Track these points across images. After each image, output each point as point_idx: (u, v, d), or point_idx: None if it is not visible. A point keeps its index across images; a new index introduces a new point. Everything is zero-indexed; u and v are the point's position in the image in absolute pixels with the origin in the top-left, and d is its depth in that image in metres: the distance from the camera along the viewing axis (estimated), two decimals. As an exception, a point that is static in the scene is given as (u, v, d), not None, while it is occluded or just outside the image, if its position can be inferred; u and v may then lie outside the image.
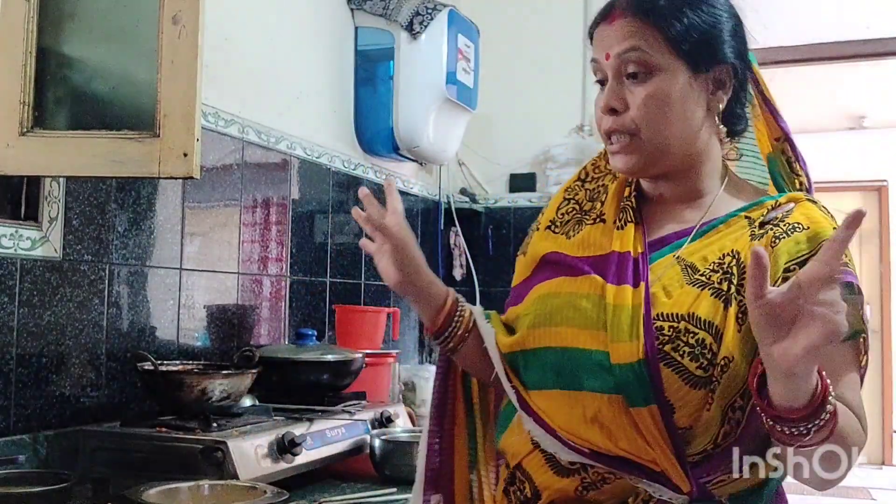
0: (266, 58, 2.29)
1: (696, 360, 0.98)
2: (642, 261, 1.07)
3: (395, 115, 2.67)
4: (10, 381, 1.53)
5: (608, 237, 1.11)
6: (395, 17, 2.65)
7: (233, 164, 2.14)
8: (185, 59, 1.39)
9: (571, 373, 1.04)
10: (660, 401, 0.98)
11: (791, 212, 1.05)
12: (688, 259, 1.05)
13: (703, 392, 0.98)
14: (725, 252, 1.04)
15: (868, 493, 6.03)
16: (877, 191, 7.19)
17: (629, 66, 1.05)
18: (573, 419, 1.04)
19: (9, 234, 1.53)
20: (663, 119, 1.06)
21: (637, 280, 1.05)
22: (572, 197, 1.22)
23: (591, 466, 1.03)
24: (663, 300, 1.02)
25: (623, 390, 1.00)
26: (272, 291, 2.30)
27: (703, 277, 1.02)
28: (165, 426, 1.59)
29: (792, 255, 1.00)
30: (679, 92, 1.06)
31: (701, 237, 1.08)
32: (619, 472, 1.01)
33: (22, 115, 1.43)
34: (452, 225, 3.24)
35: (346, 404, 1.97)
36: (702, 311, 1.00)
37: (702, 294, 1.01)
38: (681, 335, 0.99)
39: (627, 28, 1.06)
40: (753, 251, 0.83)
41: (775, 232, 1.03)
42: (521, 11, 3.33)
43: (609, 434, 1.01)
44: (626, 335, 1.01)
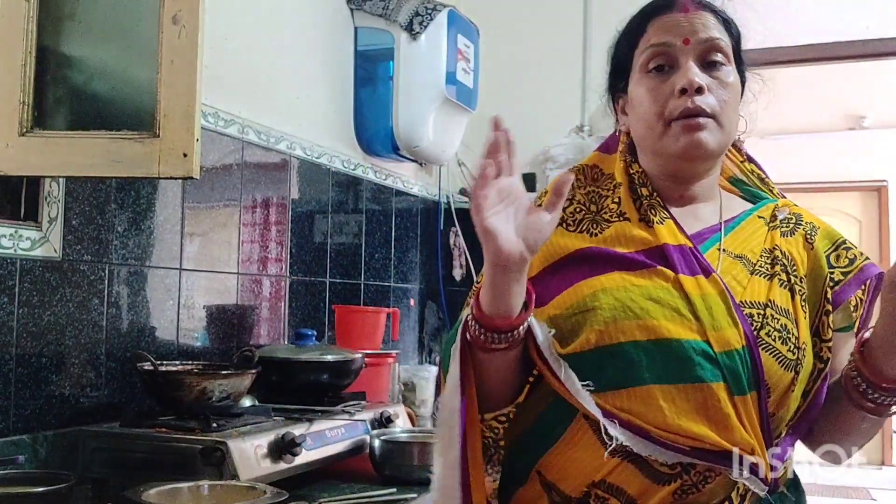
0: (266, 58, 2.29)
1: (785, 344, 1.02)
2: (699, 253, 1.07)
3: (395, 115, 2.67)
4: (9, 382, 1.52)
5: (649, 232, 1.08)
6: (394, 17, 2.65)
7: (232, 164, 2.14)
8: (185, 59, 1.39)
9: (668, 366, 0.99)
10: (760, 386, 0.99)
11: (800, 215, 1.17)
12: (734, 252, 1.09)
13: (792, 374, 1.02)
14: (768, 247, 1.10)
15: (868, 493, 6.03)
16: (877, 191, 7.20)
17: (712, 53, 1.09)
18: (675, 414, 0.97)
19: (8, 234, 1.53)
20: (734, 109, 1.11)
21: (706, 270, 1.05)
22: (571, 198, 1.16)
23: (692, 467, 0.98)
24: (738, 289, 1.05)
25: (729, 378, 0.98)
26: (272, 291, 2.30)
27: (763, 268, 1.08)
28: (165, 426, 1.59)
29: (825, 249, 1.12)
30: (739, 89, 1.14)
31: (731, 232, 1.12)
32: (721, 466, 0.98)
33: (22, 115, 1.43)
34: (452, 225, 3.24)
35: (345, 404, 1.97)
36: (778, 300, 1.05)
37: (772, 283, 1.06)
38: (768, 321, 1.02)
39: (708, 19, 1.11)
40: None
41: (805, 230, 1.14)
42: (521, 11, 3.33)
43: (715, 425, 0.97)
44: (724, 322, 1.00)
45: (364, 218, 2.75)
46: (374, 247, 2.80)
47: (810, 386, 1.05)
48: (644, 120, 1.11)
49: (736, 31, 1.14)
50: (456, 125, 2.90)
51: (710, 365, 0.98)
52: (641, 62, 1.12)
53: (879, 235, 7.17)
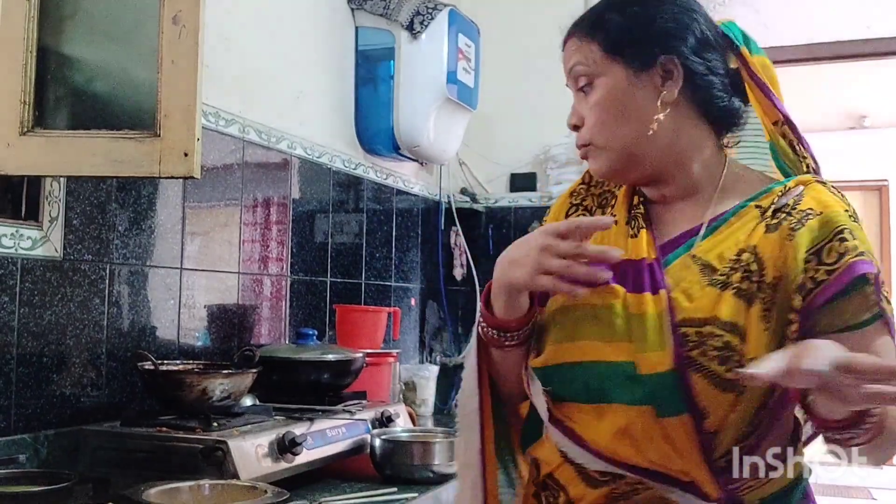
0: (266, 57, 2.29)
1: (724, 364, 0.96)
2: (657, 266, 1.05)
3: (396, 114, 2.67)
4: (10, 381, 1.53)
5: (622, 244, 1.08)
6: (395, 16, 2.65)
7: (233, 163, 2.14)
8: (186, 58, 1.40)
9: (598, 387, 1.02)
10: (691, 408, 0.97)
11: (801, 196, 1.04)
12: (703, 258, 1.03)
13: (732, 395, 0.97)
14: (741, 248, 1.02)
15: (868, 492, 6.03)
16: (877, 191, 7.20)
17: (579, 79, 1.10)
18: (601, 432, 1.01)
19: (9, 233, 1.53)
20: (611, 122, 1.08)
21: (655, 286, 1.02)
22: (580, 202, 1.20)
23: (621, 477, 1.00)
24: (685, 305, 1.00)
25: (653, 401, 0.98)
26: (273, 291, 2.30)
27: (722, 277, 1.01)
28: (166, 426, 1.59)
29: (808, 244, 1.00)
30: (621, 92, 1.07)
31: (713, 233, 1.05)
32: (650, 482, 0.99)
33: (22, 114, 1.44)
34: (453, 225, 3.24)
35: (346, 404, 1.97)
36: (724, 314, 0.98)
37: (723, 294, 0.99)
38: (706, 340, 0.97)
39: (572, 47, 1.12)
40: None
41: (790, 222, 1.01)
42: (521, 11, 3.33)
43: (638, 446, 0.99)
44: (653, 344, 0.99)
45: (365, 217, 2.75)
46: (374, 246, 2.80)
47: (766, 400, 0.99)
48: None
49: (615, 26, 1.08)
50: (457, 124, 2.90)
51: (635, 387, 0.99)
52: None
53: (880, 235, 7.17)
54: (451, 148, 2.95)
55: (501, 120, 3.31)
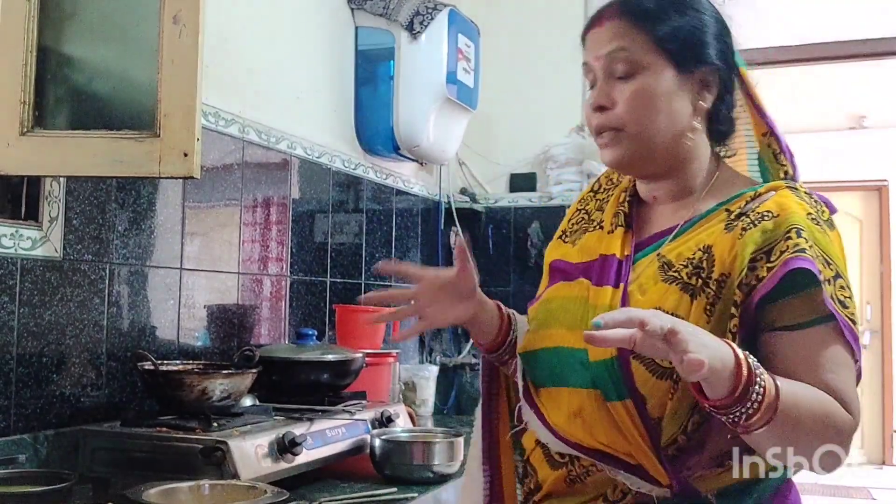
0: (266, 58, 2.29)
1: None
2: (627, 262, 1.13)
3: (396, 114, 2.67)
4: (10, 381, 1.53)
5: (602, 242, 1.18)
6: (395, 16, 2.65)
7: (233, 163, 2.14)
8: (186, 58, 1.39)
9: (559, 371, 1.12)
10: (633, 394, 1.03)
11: (765, 200, 1.08)
12: (666, 256, 1.10)
13: (668, 382, 1.02)
14: (700, 246, 1.07)
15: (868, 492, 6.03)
16: (877, 191, 7.20)
17: (617, 65, 1.11)
18: (560, 414, 1.11)
19: (9, 233, 1.53)
20: (648, 115, 1.10)
21: (618, 281, 1.11)
22: (583, 207, 1.30)
23: (577, 459, 1.09)
24: (638, 298, 1.08)
25: (599, 385, 1.06)
26: (272, 291, 2.30)
27: (675, 273, 1.07)
28: (166, 426, 1.59)
29: (758, 243, 1.03)
30: (665, 89, 1.10)
31: (683, 234, 1.11)
32: (600, 463, 1.07)
33: (22, 114, 1.43)
34: (453, 224, 3.24)
35: (346, 404, 1.97)
36: (668, 305, 1.04)
37: (670, 289, 1.06)
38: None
39: (615, 30, 1.12)
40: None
41: (744, 223, 1.06)
42: (521, 11, 3.33)
43: (589, 428, 1.07)
44: None
45: (365, 217, 2.75)
46: (374, 246, 2.80)
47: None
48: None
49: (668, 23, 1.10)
50: (456, 125, 2.90)
51: (585, 372, 1.08)
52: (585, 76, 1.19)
53: (880, 235, 7.17)
54: (451, 148, 2.95)
55: (501, 120, 3.31)
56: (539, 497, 1.16)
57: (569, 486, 1.11)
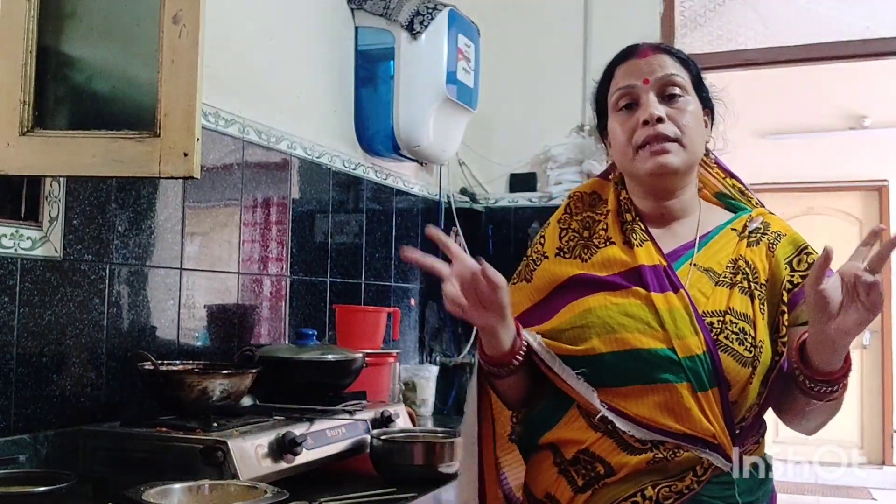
0: (266, 58, 2.29)
1: (742, 344, 1.21)
2: (671, 271, 1.28)
3: (396, 114, 2.67)
4: (10, 381, 1.53)
5: (629, 255, 1.30)
6: (395, 16, 2.65)
7: (233, 163, 2.14)
8: (186, 58, 1.40)
9: (639, 370, 1.22)
10: (720, 382, 1.20)
11: (768, 224, 1.34)
12: (704, 265, 1.29)
13: (749, 370, 1.21)
14: (733, 257, 1.29)
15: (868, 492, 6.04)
16: (877, 191, 7.19)
17: (669, 87, 1.30)
18: (644, 407, 1.21)
19: (9, 233, 1.53)
20: (695, 133, 1.31)
21: (675, 287, 1.25)
22: (567, 227, 1.40)
23: (662, 444, 1.20)
24: (703, 300, 1.25)
25: (692, 378, 1.20)
26: (272, 291, 2.30)
27: (726, 279, 1.27)
28: (166, 426, 1.59)
29: (785, 256, 1.30)
30: (699, 116, 1.33)
31: (704, 247, 1.31)
32: (688, 445, 1.19)
33: (22, 114, 1.43)
34: (453, 225, 3.24)
35: (346, 404, 1.97)
36: (737, 306, 1.24)
37: (732, 292, 1.26)
38: (727, 326, 1.22)
39: (664, 60, 1.32)
40: (826, 249, 1.09)
41: (768, 239, 1.31)
42: (521, 11, 3.33)
43: (678, 417, 1.20)
44: (687, 332, 1.21)
45: (365, 217, 2.75)
46: (374, 246, 2.80)
47: (769, 376, 1.24)
48: (619, 149, 1.34)
49: (695, 68, 1.35)
50: (456, 125, 2.90)
51: (675, 368, 1.20)
52: (612, 102, 1.35)
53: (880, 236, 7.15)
54: (451, 148, 2.95)
55: (501, 120, 3.31)
56: (613, 480, 1.23)
57: (652, 467, 1.21)
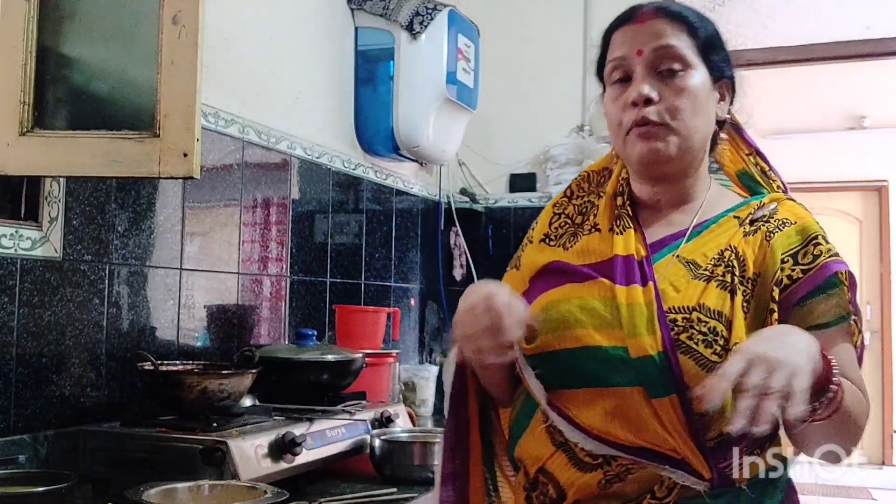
0: (266, 58, 2.29)
1: (710, 347, 1.04)
2: (647, 262, 1.12)
3: (396, 115, 2.67)
4: (10, 381, 1.53)
5: (608, 244, 1.16)
6: (395, 17, 2.65)
7: (233, 164, 2.14)
8: (186, 59, 1.40)
9: (590, 371, 1.08)
10: (679, 389, 1.02)
11: (777, 209, 1.16)
12: (688, 257, 1.12)
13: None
14: (723, 248, 1.12)
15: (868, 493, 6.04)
16: (877, 191, 7.19)
17: (665, 61, 1.12)
18: (595, 415, 1.06)
19: (9, 234, 1.53)
20: (692, 113, 1.13)
21: (645, 279, 1.10)
22: (561, 212, 1.28)
23: (615, 459, 1.05)
24: (672, 295, 1.08)
25: (644, 382, 1.04)
26: (272, 291, 2.30)
27: (706, 272, 1.10)
28: (166, 426, 1.59)
29: (785, 247, 1.11)
30: (704, 92, 1.15)
31: (696, 237, 1.15)
32: (643, 461, 1.04)
33: (22, 114, 1.44)
34: (452, 225, 3.24)
35: (346, 404, 1.97)
36: (710, 302, 1.06)
37: (708, 286, 1.08)
38: (693, 324, 1.05)
39: (661, 27, 1.13)
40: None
41: (768, 227, 1.13)
42: (521, 11, 3.33)
43: (630, 426, 1.04)
44: (643, 329, 1.05)
45: (364, 218, 2.75)
46: (374, 246, 2.80)
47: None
48: (610, 129, 1.19)
49: (705, 31, 1.16)
50: (456, 125, 2.90)
51: (627, 370, 1.05)
52: (606, 74, 1.19)
53: (880, 235, 7.17)
54: (451, 148, 2.95)
55: (501, 120, 3.31)
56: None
57: (603, 489, 1.07)
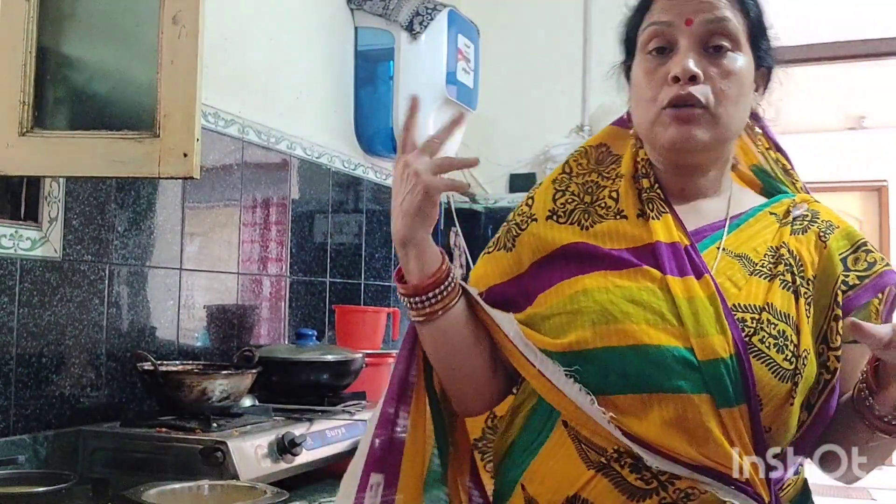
0: (266, 58, 2.29)
1: (781, 352, 0.93)
2: (695, 252, 0.99)
3: (395, 115, 2.67)
4: (10, 382, 1.52)
5: (642, 228, 1.02)
6: (394, 17, 2.65)
7: (233, 164, 2.14)
8: (185, 59, 1.39)
9: (644, 373, 0.93)
10: (751, 398, 0.91)
11: (817, 212, 1.08)
12: (735, 251, 1.01)
13: (788, 386, 0.93)
14: (774, 245, 1.02)
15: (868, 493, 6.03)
16: (877, 191, 7.19)
17: (716, 37, 1.00)
18: (650, 425, 0.92)
19: (9, 234, 1.53)
20: (736, 100, 1.01)
21: (698, 271, 0.97)
22: (565, 189, 1.11)
23: (672, 483, 0.91)
24: (733, 291, 0.97)
25: (713, 389, 0.91)
26: (272, 291, 2.30)
27: (764, 269, 0.99)
28: (165, 426, 1.59)
29: (840, 250, 1.03)
30: (749, 78, 1.04)
31: (735, 230, 1.04)
32: (708, 481, 0.90)
33: (22, 115, 1.43)
34: (452, 225, 3.24)
35: (346, 404, 1.97)
36: (777, 302, 0.96)
37: (772, 284, 0.98)
38: (764, 326, 0.94)
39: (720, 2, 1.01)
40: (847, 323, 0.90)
41: (819, 227, 1.05)
42: (521, 11, 3.33)
43: (692, 439, 0.91)
44: (711, 328, 0.93)
45: (364, 218, 2.75)
46: (374, 246, 2.80)
47: (815, 399, 0.96)
48: (639, 104, 1.05)
49: (756, 10, 1.04)
50: (456, 125, 2.90)
51: (692, 374, 0.91)
52: (642, 41, 1.04)
53: (879, 235, 7.17)
54: (451, 148, 2.94)
55: (501, 120, 3.31)
56: None
57: None
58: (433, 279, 0.99)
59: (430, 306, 1.00)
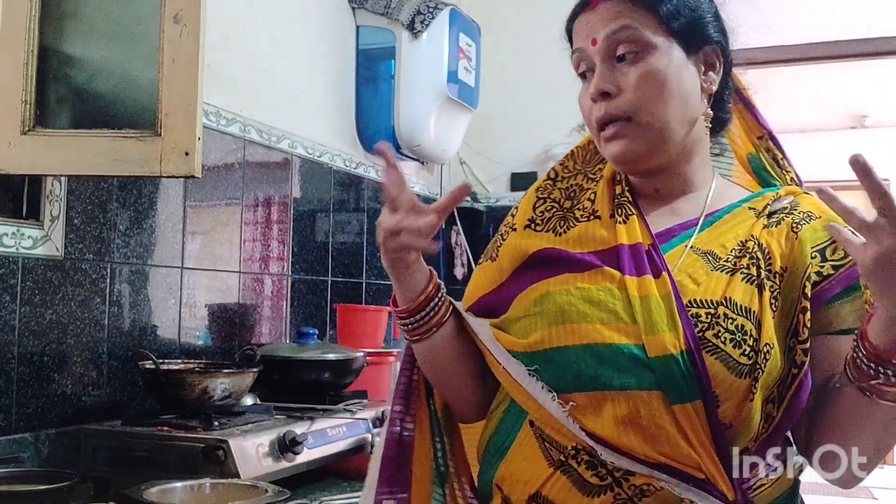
0: (267, 57, 2.29)
1: (738, 347, 0.93)
2: (656, 252, 1.00)
3: (397, 114, 2.68)
4: (11, 380, 1.53)
5: (610, 231, 1.04)
6: (396, 15, 2.65)
7: (234, 162, 2.14)
8: (187, 57, 1.39)
9: (596, 372, 0.94)
10: (705, 394, 0.91)
11: (798, 203, 1.05)
12: (703, 248, 1.01)
13: (747, 381, 0.92)
14: (743, 238, 1.01)
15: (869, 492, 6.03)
16: (877, 190, 7.19)
17: (620, 47, 1.01)
18: (604, 423, 0.93)
19: (10, 232, 1.53)
20: (660, 100, 1.01)
21: (657, 270, 0.98)
22: (546, 196, 1.14)
23: (627, 479, 0.92)
24: (692, 287, 0.97)
25: (664, 385, 0.92)
26: (273, 290, 2.30)
27: (728, 263, 0.99)
28: (167, 425, 1.59)
29: (814, 241, 1.01)
30: (674, 70, 1.02)
31: (708, 227, 1.04)
32: (662, 478, 0.91)
33: (24, 113, 1.44)
34: (454, 224, 3.24)
35: (347, 403, 1.97)
36: (737, 296, 0.95)
37: (733, 279, 0.97)
38: (720, 321, 0.94)
39: (615, 10, 1.02)
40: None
41: (793, 218, 1.02)
42: (522, 10, 3.33)
43: (646, 437, 0.92)
44: (662, 325, 0.93)
45: (366, 216, 2.75)
46: (375, 245, 2.78)
47: (783, 392, 0.96)
48: (587, 126, 1.10)
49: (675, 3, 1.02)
50: (457, 124, 2.90)
51: (644, 371, 0.92)
52: (574, 67, 1.10)
53: (880, 235, 7.16)
54: (452, 147, 2.95)
55: (502, 119, 3.31)
56: None
57: None
58: (423, 297, 1.05)
59: (425, 323, 1.06)
